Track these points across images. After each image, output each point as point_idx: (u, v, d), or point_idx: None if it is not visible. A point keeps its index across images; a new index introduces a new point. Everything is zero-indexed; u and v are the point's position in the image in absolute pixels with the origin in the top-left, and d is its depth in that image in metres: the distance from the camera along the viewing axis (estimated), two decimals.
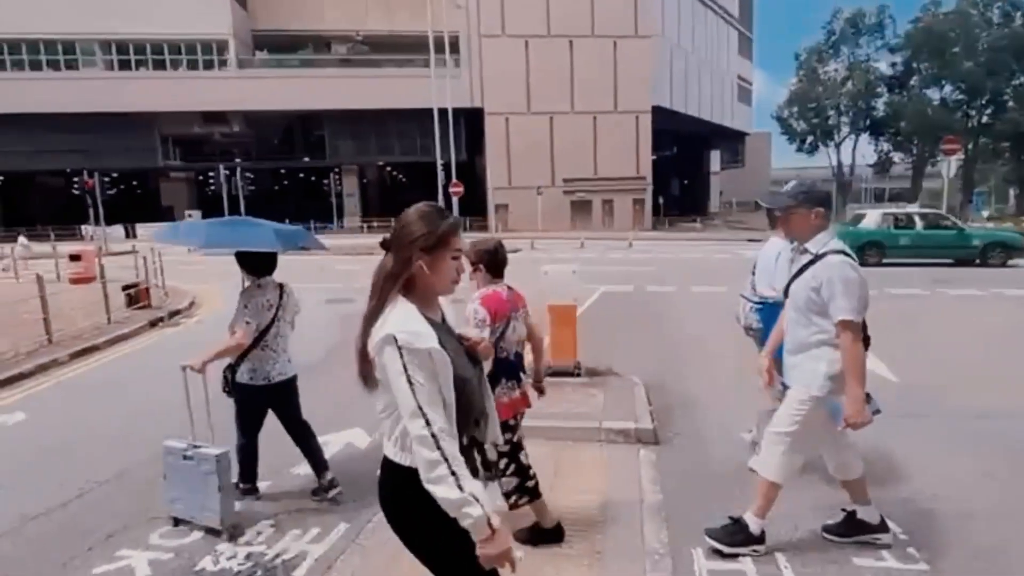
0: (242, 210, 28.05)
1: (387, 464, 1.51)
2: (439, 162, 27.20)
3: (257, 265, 3.21)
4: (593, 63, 37.10)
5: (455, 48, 36.84)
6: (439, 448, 1.35)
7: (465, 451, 1.47)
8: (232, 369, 3.18)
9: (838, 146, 35.04)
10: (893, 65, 33.00)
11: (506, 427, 2.53)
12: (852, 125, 33.89)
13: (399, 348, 1.36)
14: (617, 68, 37.56)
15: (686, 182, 57.30)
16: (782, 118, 37.18)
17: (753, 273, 3.60)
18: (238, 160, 38.63)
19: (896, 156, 34.24)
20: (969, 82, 30.00)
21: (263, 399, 3.24)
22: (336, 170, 38.57)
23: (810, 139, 34.90)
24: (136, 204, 37.80)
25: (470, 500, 1.34)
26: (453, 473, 1.34)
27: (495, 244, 2.76)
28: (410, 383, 1.35)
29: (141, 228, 33.08)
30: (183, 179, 31.68)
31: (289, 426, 3.35)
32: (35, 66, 34.32)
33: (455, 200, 24.63)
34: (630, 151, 38.28)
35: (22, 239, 21.13)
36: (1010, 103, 29.86)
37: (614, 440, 4.09)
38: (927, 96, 31.88)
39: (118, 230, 32.14)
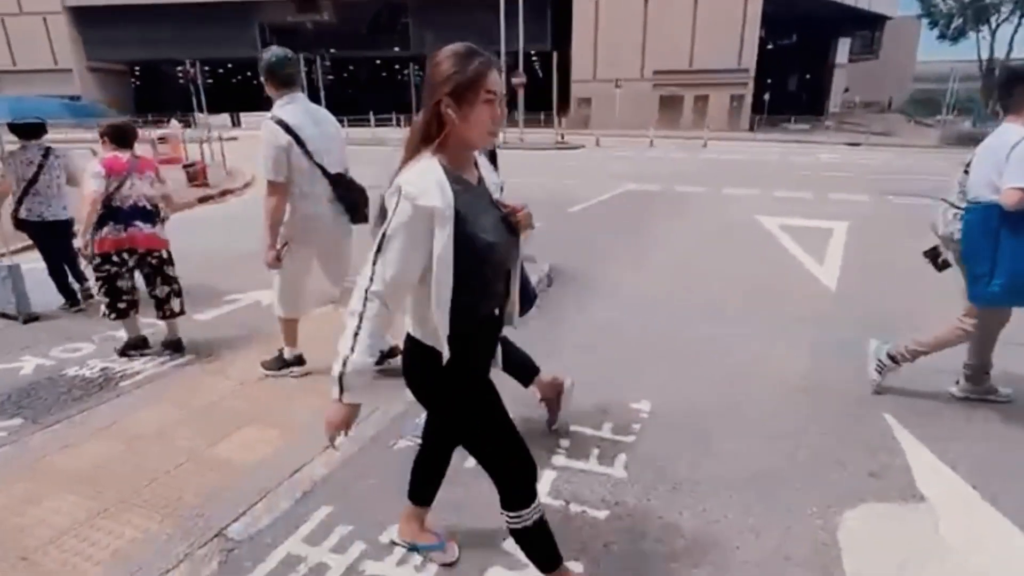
0: (322, 100, 29.18)
1: (408, 336, 1.51)
2: (520, 51, 26.13)
3: (23, 133, 4.37)
4: None
5: None
6: (363, 304, 1.33)
7: (478, 327, 1.49)
8: (15, 210, 4.33)
9: (994, 31, 28.93)
10: None
11: (106, 259, 3.41)
12: (1017, 4, 27.57)
13: (399, 197, 1.29)
14: None
15: (808, 76, 50.50)
16: None
17: (966, 172, 2.88)
18: (332, 50, 39.60)
19: None
20: None
21: (41, 232, 4.39)
22: (417, 61, 38.37)
23: (958, 22, 28.94)
24: (241, 93, 40.41)
25: (345, 361, 1.35)
26: (356, 334, 1.34)
27: (123, 122, 3.64)
28: (384, 234, 1.31)
29: (244, 116, 35.68)
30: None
31: (56, 259, 4.50)
32: None
33: (520, 94, 23.90)
34: (733, 39, 34.21)
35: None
36: None
37: None
38: None
39: (224, 119, 34.87)
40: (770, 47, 47.12)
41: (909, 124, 41.46)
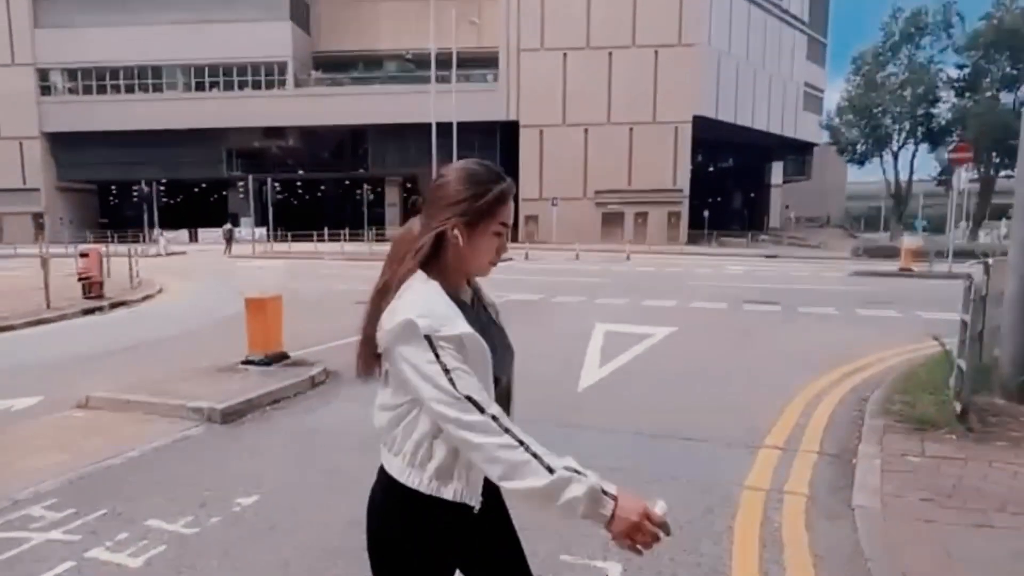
0: (270, 218, 30.61)
1: (390, 484, 1.20)
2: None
3: None
4: (632, 73, 36.55)
5: (494, 63, 37.93)
6: (506, 430, 1.05)
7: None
8: None
9: (895, 155, 31.94)
10: (961, 67, 29.65)
11: None
12: (909, 133, 30.76)
13: (425, 337, 1.07)
14: (658, 78, 36.72)
15: (752, 194, 54.43)
16: (832, 126, 34.40)
17: None
18: (300, 171, 42.09)
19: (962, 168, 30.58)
20: None
21: None
22: (377, 181, 40.82)
23: (861, 148, 32.03)
24: (206, 211, 42.12)
25: (569, 476, 1.02)
26: (534, 455, 1.03)
27: None
28: (446, 371, 1.06)
29: (203, 232, 36.91)
30: (245, 188, 35.01)
31: None
32: (129, 89, 39.51)
33: None
34: (667, 163, 37.16)
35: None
36: None
37: (188, 417, 4.47)
38: (999, 101, 28.33)
39: (183, 234, 36.01)
40: (711, 169, 51.28)
41: (844, 237, 44.36)
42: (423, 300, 1.12)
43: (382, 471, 1.24)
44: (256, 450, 4.00)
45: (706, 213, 40.23)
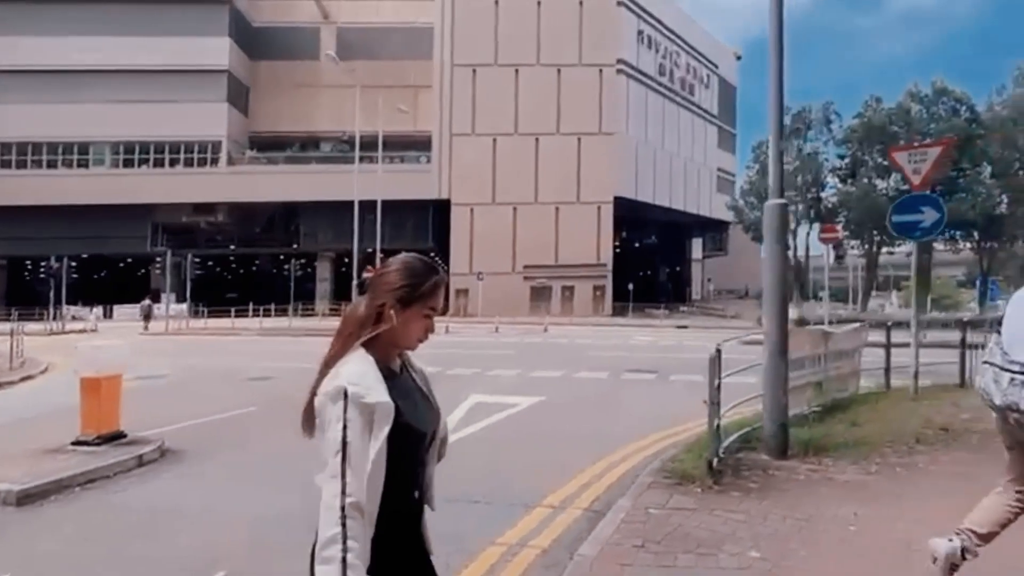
0: (187, 293, 29.91)
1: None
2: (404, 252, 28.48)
3: None
4: (557, 158, 39.08)
5: (429, 146, 39.77)
6: (343, 525, 1.19)
7: (405, 514, 1.38)
8: None
9: (793, 234, 35.06)
10: (841, 157, 33.54)
11: None
12: (803, 214, 34.03)
13: (346, 400, 1.24)
14: (581, 162, 39.40)
15: (677, 268, 57.61)
16: (737, 207, 37.65)
17: (998, 332, 2.66)
18: (232, 247, 41.60)
19: (849, 244, 33.91)
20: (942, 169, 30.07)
21: None
22: (309, 257, 40.79)
23: (760, 227, 35.06)
24: (128, 287, 40.52)
25: None
26: (344, 560, 1.17)
27: None
28: (344, 441, 1.22)
29: (118, 309, 35.38)
30: (173, 264, 34.13)
31: None
32: (52, 164, 38.71)
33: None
34: (591, 239, 39.19)
35: None
36: (957, 193, 29.64)
37: None
38: (875, 186, 32.03)
39: (99, 311, 34.36)
40: (637, 245, 54.31)
41: (759, 307, 47.35)
42: (359, 372, 1.29)
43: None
44: (42, 531, 3.98)
45: (631, 286, 42.13)
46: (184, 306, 31.07)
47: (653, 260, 55.89)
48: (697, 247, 55.72)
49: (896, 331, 9.35)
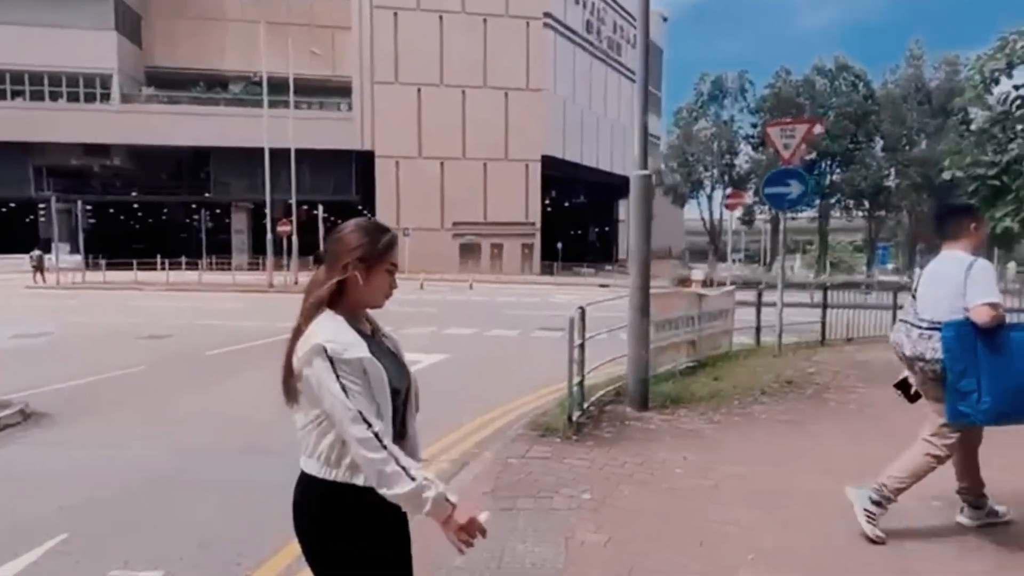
0: (80, 244, 27.57)
1: (309, 482, 1.44)
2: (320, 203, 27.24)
3: None
4: (485, 112, 38.43)
5: (348, 93, 37.89)
6: (384, 447, 1.32)
7: None
8: None
9: (709, 198, 36.78)
10: (754, 126, 35.18)
11: None
12: (718, 179, 35.70)
13: (329, 359, 1.32)
14: (508, 118, 38.99)
15: (607, 228, 59.06)
16: (659, 171, 38.91)
17: (914, 296, 3.07)
18: (134, 193, 38.33)
19: (759, 209, 36.07)
20: (817, 144, 32.13)
21: None
22: (223, 207, 38.47)
23: (681, 190, 36.55)
24: (14, 235, 36.68)
25: (425, 484, 1.33)
26: (402, 467, 1.32)
27: None
28: (344, 390, 1.32)
29: (1, 259, 32.15)
30: (64, 211, 30.97)
31: None
32: None
33: (295, 239, 24.72)
34: (519, 198, 39.34)
35: None
36: (852, 164, 32.07)
37: None
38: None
39: None
40: (567, 204, 55.05)
41: (680, 268, 49.83)
42: (332, 330, 1.37)
43: (301, 475, 1.46)
44: None
45: (560, 245, 42.94)
46: (78, 257, 28.63)
47: (582, 220, 56.90)
48: (624, 208, 57.14)
49: (796, 292, 10.28)
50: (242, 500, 3.75)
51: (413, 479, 1.32)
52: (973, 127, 9.09)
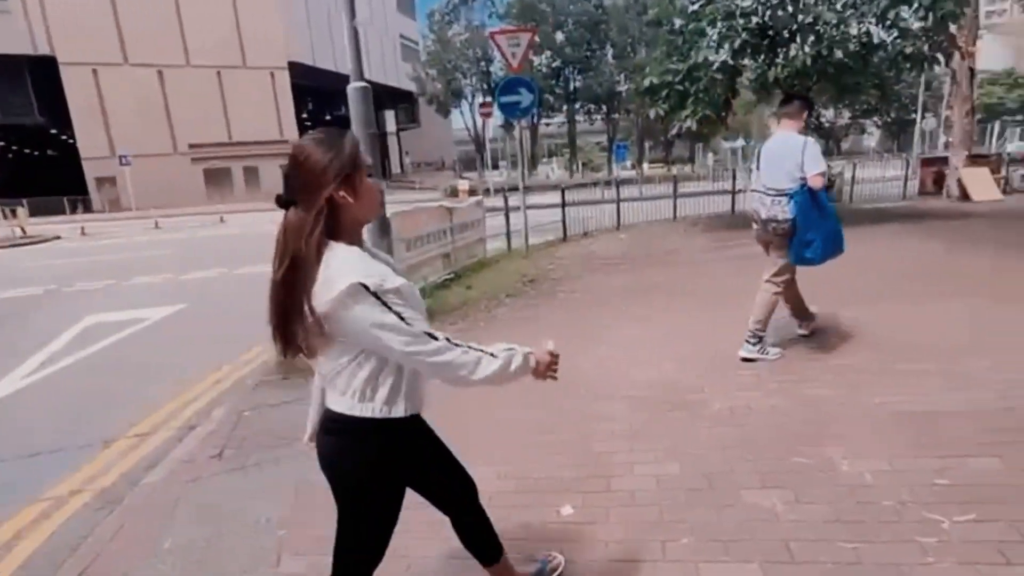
0: None
1: (340, 420, 1.42)
2: None
3: None
4: (208, 11, 32.23)
5: None
6: (457, 345, 1.35)
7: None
8: None
9: (471, 106, 37.25)
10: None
11: None
12: (478, 87, 36.21)
13: (373, 294, 1.25)
14: (239, 18, 33.38)
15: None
16: (419, 78, 37.96)
17: (757, 168, 3.81)
18: None
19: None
20: (560, 52, 34.33)
21: None
22: None
23: (442, 98, 36.33)
24: None
25: (508, 354, 1.42)
26: (480, 351, 1.38)
27: None
28: (401, 318, 1.28)
29: None
30: None
31: None
32: None
33: None
34: (269, 112, 34.98)
35: None
36: (590, 72, 35.18)
37: None
38: (532, 62, 35.61)
39: None
40: (328, 118, 50.77)
41: (455, 178, 50.76)
42: (358, 263, 1.28)
43: (330, 415, 1.45)
44: None
45: None
46: None
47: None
48: (391, 119, 54.92)
49: (552, 194, 11.05)
50: None
51: (495, 356, 1.40)
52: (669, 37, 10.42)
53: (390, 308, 1.27)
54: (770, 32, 9.37)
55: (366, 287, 1.25)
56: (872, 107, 34.54)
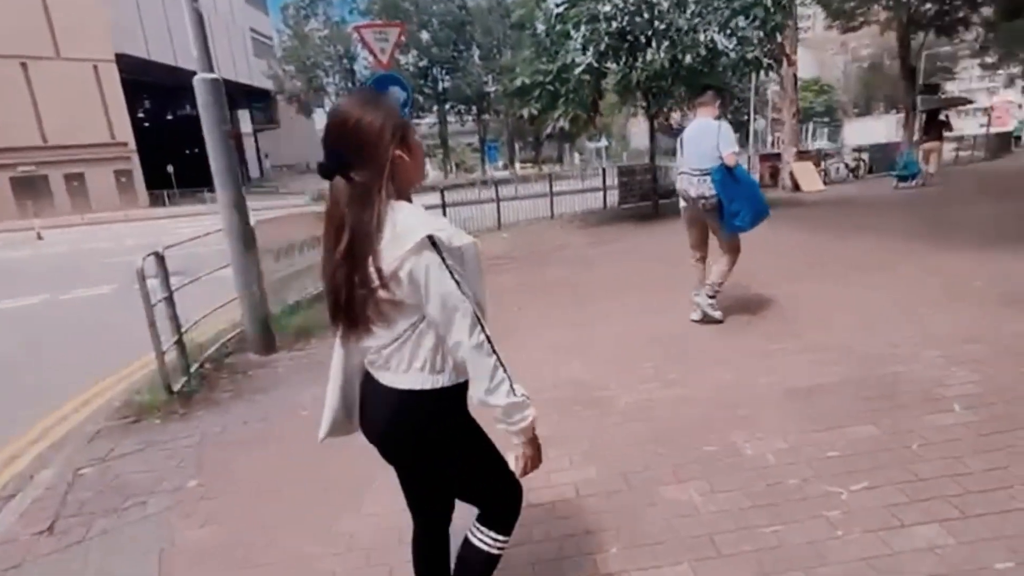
0: None
1: (412, 398, 1.33)
2: None
3: None
4: None
5: None
6: (494, 353, 1.27)
7: None
8: None
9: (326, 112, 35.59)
10: None
11: None
12: (342, 86, 34.61)
13: (436, 248, 1.21)
14: (48, 2, 28.67)
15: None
16: (276, 76, 35.47)
17: (681, 153, 4.26)
18: None
19: None
20: (427, 51, 33.85)
21: None
22: None
23: (304, 97, 34.25)
24: None
25: (526, 402, 1.32)
26: (508, 378, 1.29)
27: None
28: (458, 284, 1.22)
29: None
30: None
31: None
32: None
33: None
34: (95, 111, 30.52)
35: None
36: (458, 73, 35.14)
37: None
38: (399, 61, 34.77)
39: None
40: (170, 118, 45.54)
41: (321, 181, 47.95)
42: (425, 216, 1.24)
43: (394, 394, 1.34)
44: None
45: (171, 168, 35.69)
46: None
47: (197, 136, 48.19)
48: (246, 119, 50.64)
49: (429, 195, 10.69)
50: None
51: (515, 393, 1.29)
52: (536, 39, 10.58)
53: (450, 271, 1.23)
54: (629, 37, 9.89)
55: (432, 241, 1.21)
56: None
